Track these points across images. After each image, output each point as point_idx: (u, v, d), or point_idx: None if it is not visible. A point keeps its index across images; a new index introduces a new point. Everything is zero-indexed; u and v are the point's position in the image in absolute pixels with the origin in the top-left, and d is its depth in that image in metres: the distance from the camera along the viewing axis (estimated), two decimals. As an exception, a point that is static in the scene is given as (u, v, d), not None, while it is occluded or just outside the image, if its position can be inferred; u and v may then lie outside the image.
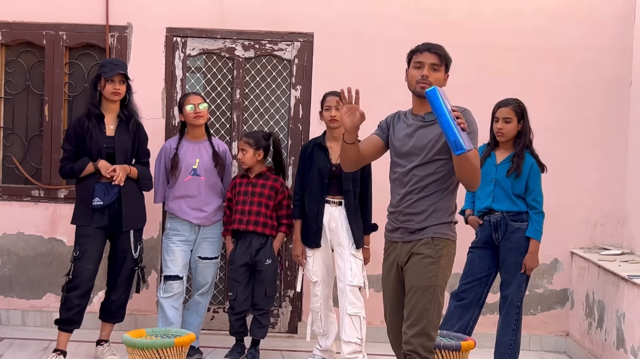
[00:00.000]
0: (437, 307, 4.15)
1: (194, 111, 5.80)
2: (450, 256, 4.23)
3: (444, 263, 4.19)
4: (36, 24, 6.59)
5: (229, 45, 6.63)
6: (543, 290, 6.66)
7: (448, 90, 6.31)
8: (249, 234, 5.88)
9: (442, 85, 4.23)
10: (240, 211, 5.88)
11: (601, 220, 6.64)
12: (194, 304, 6.03)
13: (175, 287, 5.84)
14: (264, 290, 5.91)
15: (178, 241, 5.89)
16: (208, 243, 5.96)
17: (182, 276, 5.87)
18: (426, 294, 4.13)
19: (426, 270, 4.16)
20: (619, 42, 6.58)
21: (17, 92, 6.73)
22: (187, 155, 5.86)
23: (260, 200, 5.87)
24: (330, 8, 6.59)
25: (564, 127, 6.58)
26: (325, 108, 5.76)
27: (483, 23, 6.60)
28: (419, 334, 4.10)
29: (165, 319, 5.79)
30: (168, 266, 5.86)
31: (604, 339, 5.85)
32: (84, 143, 5.57)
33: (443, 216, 4.21)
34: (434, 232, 4.19)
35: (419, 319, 4.12)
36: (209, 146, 5.93)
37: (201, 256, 5.95)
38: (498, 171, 5.46)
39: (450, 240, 4.23)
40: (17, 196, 6.66)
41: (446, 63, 4.26)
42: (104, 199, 5.58)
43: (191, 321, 6.00)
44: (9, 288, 6.68)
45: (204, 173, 5.87)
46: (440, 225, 4.20)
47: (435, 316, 4.15)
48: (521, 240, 5.42)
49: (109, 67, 5.62)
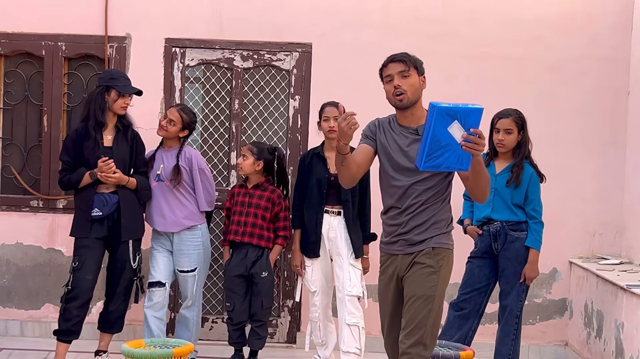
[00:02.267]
0: (435, 317, 4.14)
1: (160, 120, 5.90)
2: (449, 266, 4.23)
3: (444, 273, 4.19)
4: (35, 34, 6.61)
5: (227, 56, 6.65)
6: (542, 300, 6.66)
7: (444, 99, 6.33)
8: (244, 245, 5.87)
9: (423, 87, 4.21)
10: (236, 222, 5.89)
11: (600, 229, 6.64)
12: (182, 318, 5.99)
13: (157, 295, 5.80)
14: (260, 301, 5.90)
15: (160, 248, 5.90)
16: (183, 255, 5.87)
17: (165, 283, 5.83)
18: (425, 303, 4.11)
19: (427, 279, 4.14)
20: (617, 52, 6.60)
21: (16, 103, 6.74)
22: (157, 162, 5.86)
23: (256, 212, 5.87)
24: (329, 18, 6.60)
25: (562, 136, 6.58)
26: (323, 119, 5.77)
27: (482, 33, 6.61)
28: (416, 344, 4.09)
29: (148, 331, 5.77)
30: (151, 273, 5.87)
31: (602, 349, 5.84)
32: (82, 154, 5.56)
33: (443, 227, 4.21)
34: (435, 242, 4.18)
35: (417, 328, 4.10)
36: (176, 154, 5.82)
37: (179, 269, 5.90)
38: (497, 181, 5.46)
39: (450, 249, 4.25)
40: (16, 206, 6.67)
41: (415, 66, 4.18)
42: (103, 210, 5.57)
43: (181, 335, 5.95)
44: (7, 298, 6.68)
45: (168, 179, 5.81)
46: (440, 235, 4.20)
47: (433, 326, 4.14)
48: (520, 250, 5.41)
49: (122, 81, 5.63)
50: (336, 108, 5.75)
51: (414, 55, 4.25)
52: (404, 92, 4.13)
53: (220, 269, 6.68)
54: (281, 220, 5.94)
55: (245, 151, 5.91)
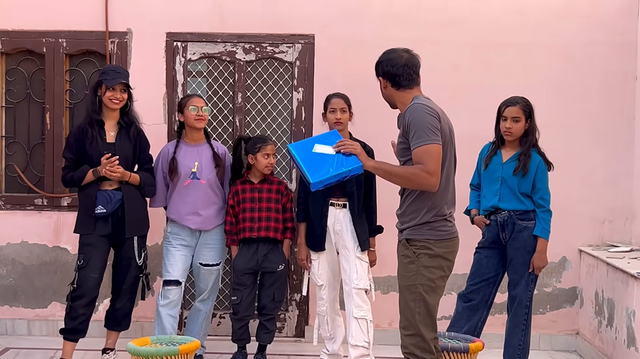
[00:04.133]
0: (423, 305, 4.15)
1: (196, 113, 5.75)
2: (433, 255, 4.19)
3: (426, 260, 4.18)
4: (36, 31, 6.56)
5: (229, 49, 6.59)
6: (552, 289, 6.60)
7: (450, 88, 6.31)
8: (254, 240, 5.83)
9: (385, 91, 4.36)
10: (249, 218, 5.83)
11: (609, 216, 6.58)
12: (195, 311, 5.98)
13: (173, 293, 5.76)
14: (272, 294, 5.87)
15: (179, 246, 5.83)
16: (209, 249, 5.89)
17: (182, 281, 5.80)
18: (408, 293, 4.18)
19: (405, 269, 4.22)
20: (624, 36, 6.51)
21: (18, 101, 6.70)
22: (185, 158, 5.79)
23: (269, 206, 5.84)
24: (331, 9, 6.54)
25: (570, 123, 6.51)
26: (330, 111, 5.72)
27: (485, 20, 6.54)
28: (411, 335, 4.15)
29: (161, 328, 5.72)
30: (168, 271, 5.80)
31: (614, 338, 5.78)
32: (85, 151, 5.52)
33: (418, 217, 4.20)
34: (407, 234, 4.24)
35: (407, 319, 4.17)
36: (208, 148, 5.86)
37: (202, 263, 5.89)
38: (504, 169, 5.40)
39: (431, 240, 4.19)
40: (20, 205, 6.63)
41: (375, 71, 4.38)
42: (106, 207, 5.53)
43: (192, 328, 5.96)
44: (14, 297, 6.66)
45: (204, 176, 5.80)
46: (415, 226, 4.21)
47: (424, 315, 4.15)
48: (529, 239, 5.35)
49: (111, 74, 5.57)
50: (342, 99, 5.72)
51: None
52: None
53: (227, 264, 6.64)
54: (288, 211, 5.93)
55: (274, 149, 5.90)
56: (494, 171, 5.43)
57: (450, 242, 4.26)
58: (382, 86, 4.35)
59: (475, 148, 5.65)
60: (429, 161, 4.06)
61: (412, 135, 4.11)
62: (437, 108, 4.21)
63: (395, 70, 4.27)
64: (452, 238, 4.28)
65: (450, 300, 5.92)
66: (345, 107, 5.71)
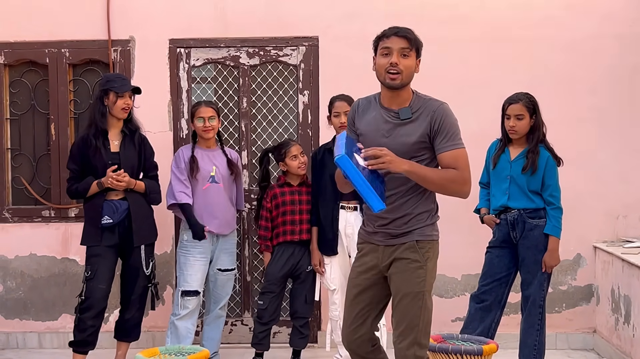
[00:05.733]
0: (426, 314, 3.97)
1: (202, 124, 5.73)
2: (435, 258, 4.05)
3: (431, 266, 4.01)
4: (38, 42, 6.53)
5: (233, 54, 6.53)
6: (567, 287, 6.50)
7: (458, 85, 6.23)
8: (290, 244, 5.79)
9: (416, 71, 3.97)
10: (290, 221, 5.78)
11: (623, 211, 6.47)
12: (215, 318, 5.94)
13: (192, 303, 5.72)
14: (303, 296, 5.84)
15: (197, 254, 5.75)
16: (227, 254, 5.89)
17: (200, 291, 5.77)
18: (415, 301, 3.95)
19: (414, 275, 3.96)
20: (632, 28, 6.41)
21: (23, 112, 6.67)
22: (203, 162, 5.75)
23: (308, 208, 5.80)
24: (334, 10, 6.47)
25: (579, 118, 6.42)
26: (334, 115, 5.66)
27: (492, 16, 6.46)
28: (411, 344, 3.94)
29: (176, 339, 5.67)
30: (187, 281, 5.72)
31: (632, 335, 5.68)
32: (89, 161, 5.47)
33: (426, 218, 4.02)
34: (418, 235, 3.99)
35: (410, 328, 3.95)
36: (222, 154, 5.86)
37: (221, 269, 5.87)
38: (513, 168, 5.31)
39: (435, 241, 4.05)
40: (28, 217, 6.60)
41: (417, 47, 3.95)
42: (113, 217, 5.49)
43: (213, 336, 5.94)
44: (24, 310, 6.62)
45: (222, 180, 5.78)
46: (424, 227, 4.00)
47: (426, 324, 3.98)
48: (540, 238, 5.25)
49: (118, 82, 5.53)
50: (346, 102, 5.64)
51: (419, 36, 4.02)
52: (399, 72, 3.90)
53: (237, 271, 6.58)
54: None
55: (300, 148, 5.83)
56: (502, 169, 5.34)
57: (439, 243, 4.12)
58: (417, 66, 3.98)
59: (483, 145, 5.56)
60: (466, 167, 3.91)
61: (444, 135, 3.90)
62: None
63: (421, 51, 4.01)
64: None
65: (464, 301, 5.84)
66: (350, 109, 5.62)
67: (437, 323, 5.67)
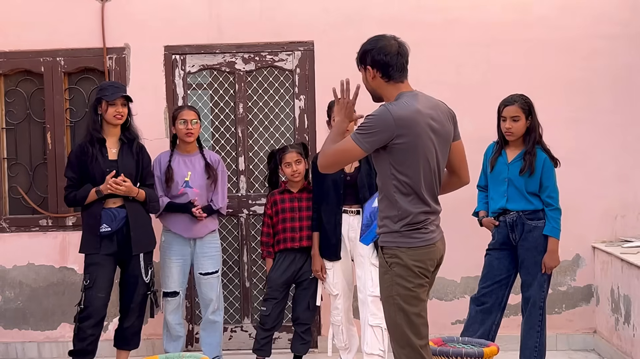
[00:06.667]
0: (405, 315, 3.92)
1: (185, 127, 5.76)
2: (406, 264, 3.92)
3: (399, 270, 3.93)
4: (33, 51, 6.51)
5: (228, 60, 6.52)
6: (567, 288, 6.49)
7: (453, 89, 6.21)
8: (291, 250, 5.78)
9: (372, 82, 4.06)
10: (290, 228, 5.77)
11: (621, 211, 6.47)
12: (210, 324, 5.94)
13: (173, 304, 5.86)
14: (306, 303, 5.83)
15: (173, 256, 5.84)
16: (207, 258, 5.88)
17: (179, 291, 5.86)
18: (388, 305, 3.97)
19: (382, 280, 4.00)
20: (627, 28, 6.42)
21: (19, 122, 6.66)
22: (179, 168, 5.80)
23: (308, 215, 5.77)
24: (329, 14, 6.47)
25: (577, 119, 6.42)
26: (334, 119, 5.62)
27: (487, 18, 6.46)
28: (400, 346, 3.95)
29: (169, 336, 5.85)
30: (165, 283, 5.88)
31: (632, 335, 5.67)
32: (87, 170, 5.46)
33: (390, 224, 3.95)
34: (381, 241, 4.01)
35: (394, 331, 3.98)
36: (201, 158, 5.87)
37: (202, 272, 5.89)
38: (510, 170, 5.30)
39: (401, 248, 3.92)
40: (25, 226, 6.58)
41: (360, 59, 4.11)
42: (111, 225, 5.47)
43: (211, 341, 5.94)
44: (23, 320, 6.60)
45: (196, 185, 5.79)
46: (387, 234, 3.97)
47: (409, 324, 3.93)
48: (539, 239, 5.25)
49: (110, 90, 5.53)
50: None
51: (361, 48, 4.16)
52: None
53: (236, 277, 6.58)
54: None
55: (297, 155, 5.75)
56: (500, 172, 5.34)
57: (425, 250, 3.95)
58: (370, 76, 4.02)
59: (480, 148, 5.56)
60: (338, 151, 3.96)
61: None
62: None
63: (388, 60, 3.96)
64: (427, 245, 3.95)
65: (464, 304, 5.83)
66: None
67: (437, 326, 5.71)
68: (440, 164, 4.00)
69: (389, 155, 3.89)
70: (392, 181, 3.91)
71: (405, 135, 3.83)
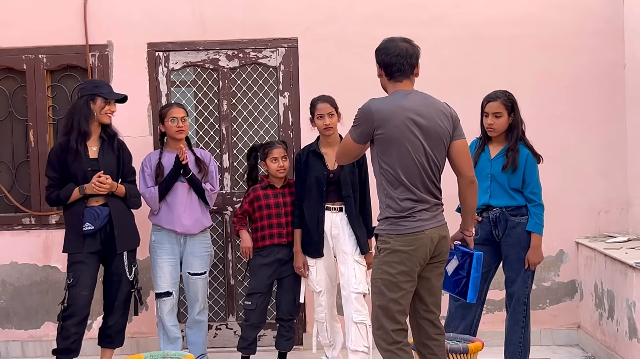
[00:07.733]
0: (382, 299, 4.21)
1: (176, 124, 5.73)
2: (392, 250, 4.20)
3: (386, 256, 4.22)
4: (15, 48, 6.47)
5: (212, 56, 6.50)
6: (550, 283, 6.52)
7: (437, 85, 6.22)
8: (278, 246, 5.76)
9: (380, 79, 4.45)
10: (277, 224, 5.75)
11: (605, 207, 6.50)
12: (196, 323, 5.91)
13: (167, 304, 5.78)
14: (292, 298, 5.82)
15: (164, 256, 5.79)
16: (196, 258, 5.85)
17: (172, 291, 5.80)
18: (373, 287, 4.30)
19: (373, 264, 4.39)
20: (610, 24, 6.44)
21: (1, 120, 6.62)
22: (169, 164, 5.74)
23: (292, 210, 5.76)
24: (313, 11, 6.46)
25: (560, 114, 6.44)
26: (317, 117, 5.62)
27: (469, 14, 6.47)
28: (375, 328, 4.27)
29: (167, 337, 5.78)
30: (157, 283, 5.81)
31: (615, 330, 5.70)
32: (68, 168, 5.44)
33: (383, 211, 4.28)
34: (376, 229, 4.35)
35: (373, 312, 4.28)
36: (191, 154, 5.83)
37: (191, 272, 5.85)
38: (493, 166, 5.31)
39: (391, 234, 4.22)
40: (8, 225, 6.54)
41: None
42: (94, 223, 5.45)
43: (196, 340, 5.92)
44: (6, 319, 6.56)
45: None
46: (381, 221, 4.30)
47: (385, 309, 4.19)
48: (522, 235, 5.25)
49: (106, 88, 5.56)
50: (328, 103, 5.62)
51: None
52: None
53: (221, 275, 6.57)
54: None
55: (283, 152, 5.76)
56: (482, 168, 5.33)
57: (413, 237, 4.18)
58: (378, 74, 4.40)
59: (464, 144, 5.56)
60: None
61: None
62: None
63: (389, 60, 4.30)
64: (415, 233, 4.18)
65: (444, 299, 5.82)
66: (332, 110, 5.60)
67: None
68: (431, 158, 4.23)
69: (375, 146, 4.24)
70: (379, 170, 4.25)
71: (383, 126, 4.16)
